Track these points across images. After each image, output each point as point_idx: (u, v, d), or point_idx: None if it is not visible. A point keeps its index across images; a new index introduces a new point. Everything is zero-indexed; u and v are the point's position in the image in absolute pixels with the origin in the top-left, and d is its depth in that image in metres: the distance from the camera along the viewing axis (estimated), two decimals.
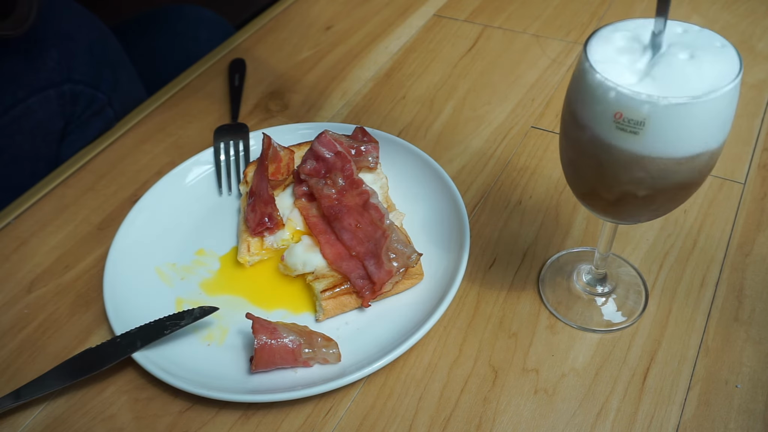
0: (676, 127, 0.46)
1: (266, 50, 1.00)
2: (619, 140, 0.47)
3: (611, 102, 0.46)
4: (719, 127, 0.48)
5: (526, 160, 0.78)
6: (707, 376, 0.57)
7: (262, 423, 0.57)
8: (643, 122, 0.46)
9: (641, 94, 0.45)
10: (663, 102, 0.45)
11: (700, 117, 0.46)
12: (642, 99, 0.45)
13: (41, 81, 0.86)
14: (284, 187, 0.73)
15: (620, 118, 0.46)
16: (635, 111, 0.46)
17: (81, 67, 0.89)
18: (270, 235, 0.69)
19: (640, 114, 0.45)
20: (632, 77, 0.47)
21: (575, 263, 0.67)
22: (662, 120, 0.45)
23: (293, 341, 0.58)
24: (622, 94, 0.46)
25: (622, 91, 0.46)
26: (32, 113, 0.85)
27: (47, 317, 0.66)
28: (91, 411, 0.58)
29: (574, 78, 0.50)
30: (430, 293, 0.63)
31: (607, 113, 0.47)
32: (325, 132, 0.72)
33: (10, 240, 0.74)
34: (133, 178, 0.81)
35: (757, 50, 0.91)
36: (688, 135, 0.47)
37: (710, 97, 0.45)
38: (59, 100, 0.88)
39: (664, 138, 0.46)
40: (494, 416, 0.56)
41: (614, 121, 0.47)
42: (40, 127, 0.86)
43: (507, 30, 1.00)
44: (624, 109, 0.46)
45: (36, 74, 0.86)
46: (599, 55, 0.48)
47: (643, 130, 0.46)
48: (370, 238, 0.64)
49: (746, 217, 0.70)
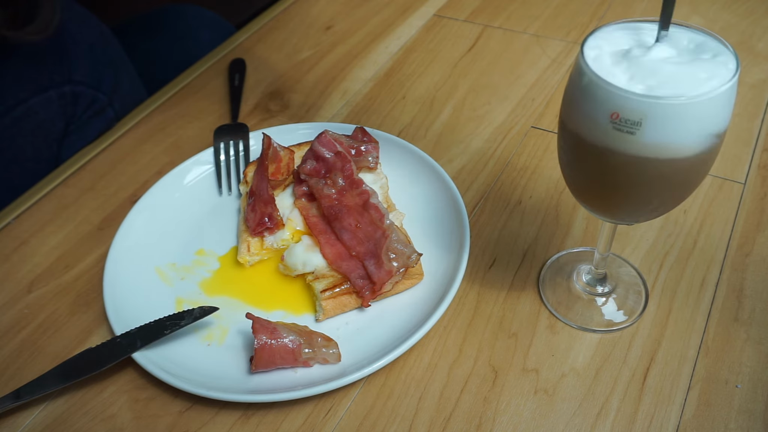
0: (672, 128, 0.46)
1: (266, 50, 1.00)
2: (616, 141, 0.47)
3: (607, 102, 0.46)
4: (716, 127, 0.47)
5: (526, 160, 0.78)
6: (707, 376, 0.57)
7: (262, 423, 0.57)
8: (639, 122, 0.45)
9: (638, 94, 0.45)
10: (659, 102, 0.44)
11: (697, 117, 0.46)
12: (638, 99, 0.45)
13: (43, 82, 0.86)
14: (284, 187, 0.73)
15: (617, 119, 0.46)
16: (632, 111, 0.45)
17: (82, 68, 0.89)
18: (270, 235, 0.69)
19: (637, 114, 0.45)
20: (629, 78, 0.47)
21: (575, 263, 0.67)
22: (659, 120, 0.45)
23: (293, 341, 0.58)
24: (619, 94, 0.45)
25: (618, 91, 0.45)
26: (33, 114, 0.86)
27: (47, 317, 0.66)
28: (91, 411, 0.58)
29: (571, 78, 0.50)
30: (430, 293, 0.63)
31: (604, 114, 0.47)
32: (325, 132, 0.72)
33: (10, 240, 0.74)
34: (133, 178, 0.81)
35: (757, 50, 0.91)
36: (685, 135, 0.46)
37: (706, 97, 0.45)
38: (60, 101, 0.88)
39: (661, 138, 0.46)
40: (494, 416, 0.56)
41: (611, 121, 0.46)
42: (40, 128, 0.86)
43: (507, 30, 1.00)
44: (620, 109, 0.46)
45: (38, 75, 0.86)
46: (596, 55, 0.48)
47: (640, 130, 0.46)
48: (370, 238, 0.64)
49: (746, 217, 0.70)
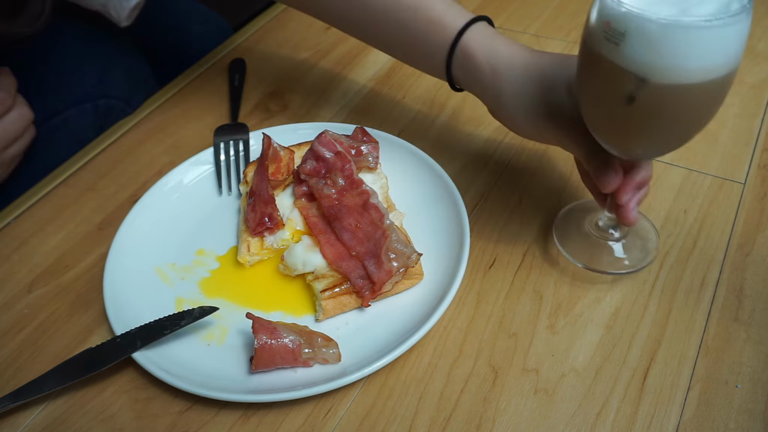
0: (653, 47, 0.47)
1: (266, 50, 1.00)
2: (605, 50, 0.50)
3: (603, 12, 0.49)
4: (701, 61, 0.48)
5: (526, 160, 0.78)
6: (707, 376, 0.57)
7: (262, 423, 0.57)
8: (624, 33, 0.48)
9: (624, 5, 0.47)
10: (641, 15, 0.47)
11: (678, 42, 0.47)
12: (623, 10, 0.47)
13: (80, 95, 0.90)
14: (284, 187, 0.73)
15: (608, 28, 0.49)
16: (618, 21, 0.48)
17: (117, 84, 0.94)
18: (270, 235, 0.69)
19: (622, 25, 0.48)
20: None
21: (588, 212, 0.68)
22: (640, 35, 0.47)
23: (293, 341, 0.58)
24: (609, 4, 0.48)
25: (609, 1, 0.48)
26: (68, 124, 0.89)
27: (47, 317, 0.66)
28: (91, 411, 0.58)
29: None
30: (430, 293, 0.63)
31: (600, 23, 0.50)
32: (325, 132, 0.72)
33: (10, 240, 0.74)
34: (133, 178, 0.81)
35: (757, 50, 0.91)
36: (664, 59, 0.47)
37: (686, 22, 0.46)
38: (94, 114, 0.92)
39: (641, 55, 0.48)
40: (494, 416, 0.56)
41: (603, 30, 0.49)
42: (73, 138, 0.89)
43: (507, 30, 1.00)
44: (611, 18, 0.48)
45: (76, 88, 0.91)
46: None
47: (624, 41, 0.48)
48: (370, 238, 0.64)
49: (746, 217, 0.70)
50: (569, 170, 0.76)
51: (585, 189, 0.74)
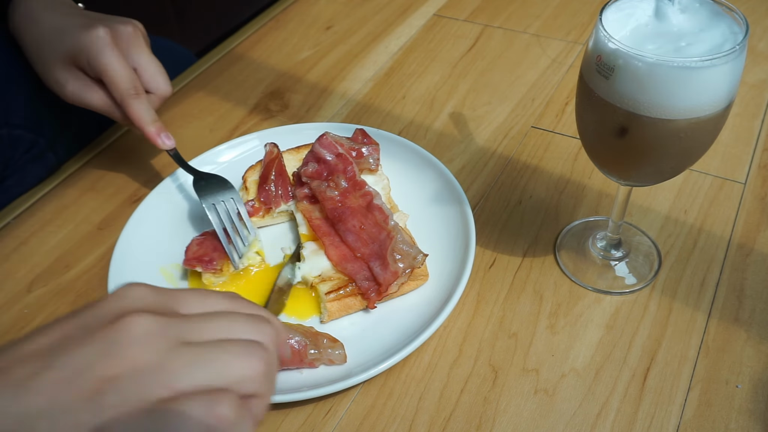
0: (641, 84, 0.48)
1: (266, 50, 1.00)
2: (597, 82, 0.51)
3: (596, 45, 0.50)
4: (684, 100, 0.48)
5: (526, 160, 0.78)
6: (707, 376, 0.57)
7: (263, 423, 0.57)
8: (613, 68, 0.49)
9: (613, 41, 0.48)
10: (628, 53, 0.47)
11: (664, 81, 0.47)
12: (612, 46, 0.48)
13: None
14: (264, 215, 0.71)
15: (599, 61, 0.50)
16: (608, 56, 0.49)
17: (20, 112, 0.83)
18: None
19: (611, 60, 0.49)
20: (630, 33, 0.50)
21: (592, 230, 0.67)
22: (628, 71, 0.48)
23: (299, 342, 0.58)
24: (602, 39, 0.49)
25: (602, 36, 0.49)
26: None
27: (47, 317, 0.66)
28: None
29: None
30: (435, 294, 0.63)
31: (593, 55, 0.51)
32: (325, 134, 0.71)
33: (10, 240, 0.74)
34: (133, 178, 0.81)
35: (758, 50, 0.91)
36: (651, 96, 0.48)
37: (673, 62, 0.46)
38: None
39: (629, 91, 0.49)
40: (494, 416, 0.56)
41: (595, 63, 0.50)
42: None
43: (507, 30, 1.00)
44: (602, 53, 0.49)
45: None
46: (613, 15, 0.52)
47: (613, 76, 0.49)
48: (374, 239, 0.64)
49: (746, 217, 0.70)
50: (569, 171, 0.76)
51: (585, 190, 0.75)
